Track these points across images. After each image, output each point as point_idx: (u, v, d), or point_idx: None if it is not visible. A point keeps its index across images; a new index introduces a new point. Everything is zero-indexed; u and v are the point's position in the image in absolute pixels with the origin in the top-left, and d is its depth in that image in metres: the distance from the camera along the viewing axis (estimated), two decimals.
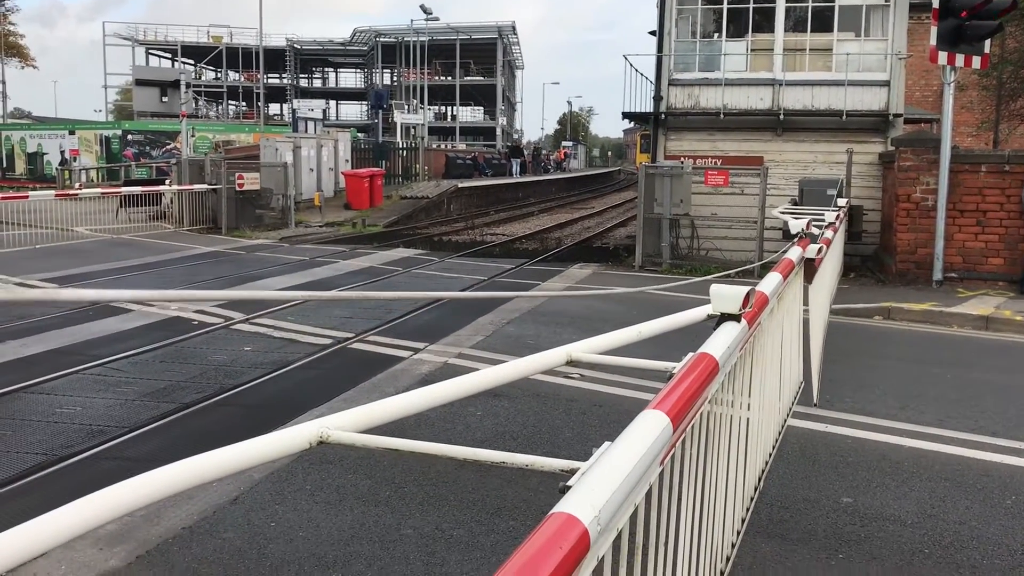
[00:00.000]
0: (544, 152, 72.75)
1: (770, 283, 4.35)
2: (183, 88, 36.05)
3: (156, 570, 4.33)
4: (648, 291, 10.10)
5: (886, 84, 16.82)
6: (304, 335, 9.95)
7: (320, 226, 24.98)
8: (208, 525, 4.85)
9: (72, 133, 46.14)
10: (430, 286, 13.38)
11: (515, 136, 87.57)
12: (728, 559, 3.80)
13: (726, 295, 3.21)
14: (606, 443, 1.93)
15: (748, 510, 4.37)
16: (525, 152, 58.33)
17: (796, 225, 6.78)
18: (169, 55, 74.93)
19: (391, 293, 10.13)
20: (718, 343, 2.92)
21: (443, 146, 57.98)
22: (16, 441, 6.30)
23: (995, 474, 5.81)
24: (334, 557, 4.48)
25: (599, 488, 1.71)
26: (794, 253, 5.80)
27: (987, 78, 24.74)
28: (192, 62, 73.56)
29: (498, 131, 79.13)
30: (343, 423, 2.22)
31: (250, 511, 5.04)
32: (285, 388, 7.94)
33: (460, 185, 35.36)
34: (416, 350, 9.25)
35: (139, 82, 66.81)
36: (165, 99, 62.08)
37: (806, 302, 6.83)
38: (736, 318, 3.22)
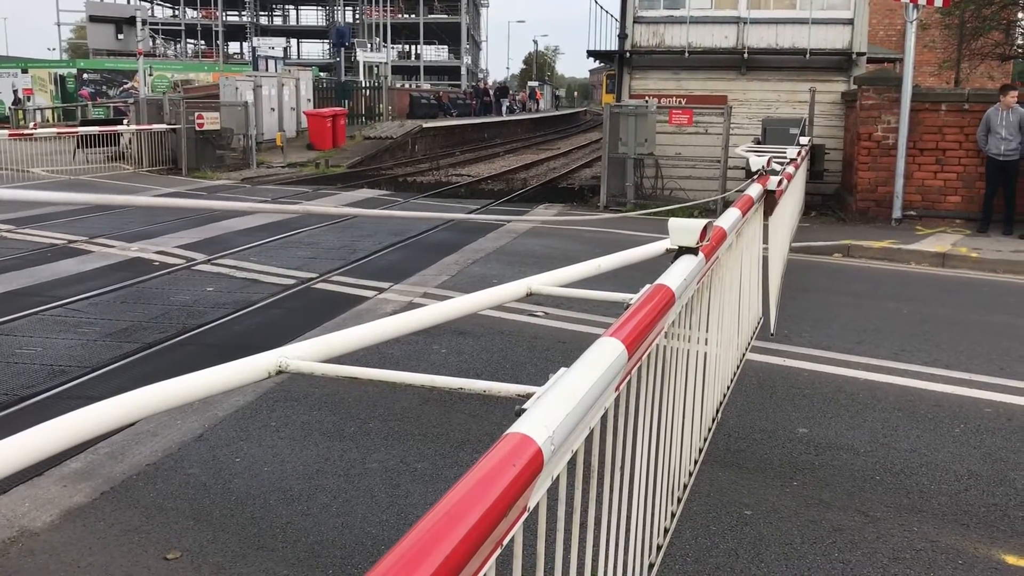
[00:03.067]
0: (511, 93, 71.94)
1: (729, 218, 4.41)
2: (139, 25, 35.09)
3: (121, 506, 4.35)
4: (614, 231, 10.16)
5: (850, 22, 16.78)
6: (267, 275, 9.91)
7: (282, 167, 24.67)
8: (173, 462, 4.88)
9: (25, 72, 44.82)
10: (395, 227, 13.30)
11: (480, 75, 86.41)
12: (685, 486, 3.90)
13: (683, 228, 3.26)
14: (562, 368, 1.97)
15: (706, 440, 4.48)
16: (494, 92, 57.84)
17: (757, 162, 6.82)
18: None
19: (412, 212, 10.24)
20: (675, 275, 2.97)
21: (407, 85, 57.11)
22: None
23: (946, 404, 5.97)
24: (299, 490, 4.53)
25: (554, 410, 1.76)
26: (754, 190, 5.86)
27: (949, 17, 24.80)
28: None
29: (463, 70, 78.08)
30: (302, 353, 2.24)
31: (215, 447, 5.07)
32: (248, 328, 7.92)
33: (425, 125, 35.00)
34: (381, 290, 9.26)
35: (93, 19, 64.56)
36: (121, 36, 60.21)
37: (766, 239, 6.92)
38: (694, 251, 3.27)
